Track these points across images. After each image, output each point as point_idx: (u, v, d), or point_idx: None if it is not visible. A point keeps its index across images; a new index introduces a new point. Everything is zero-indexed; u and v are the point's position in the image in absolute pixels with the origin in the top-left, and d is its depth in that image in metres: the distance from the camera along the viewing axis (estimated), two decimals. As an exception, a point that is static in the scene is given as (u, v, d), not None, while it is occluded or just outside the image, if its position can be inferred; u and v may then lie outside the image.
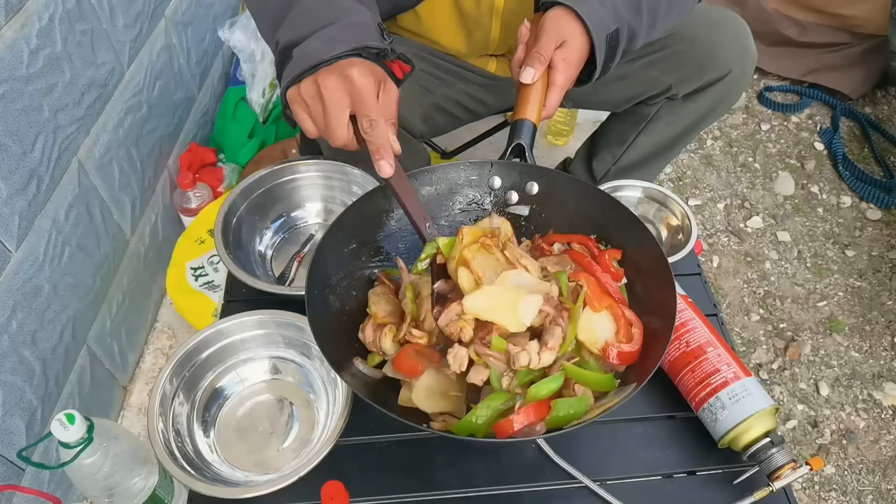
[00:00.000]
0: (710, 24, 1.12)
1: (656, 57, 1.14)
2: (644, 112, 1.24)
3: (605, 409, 0.69)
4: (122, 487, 0.83)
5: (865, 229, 1.82)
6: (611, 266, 0.82)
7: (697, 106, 1.18)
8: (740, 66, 1.13)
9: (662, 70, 1.15)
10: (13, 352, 1.03)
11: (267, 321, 0.90)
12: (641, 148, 1.29)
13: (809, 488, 1.36)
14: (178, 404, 0.85)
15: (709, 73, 1.13)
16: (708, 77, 1.13)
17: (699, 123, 1.23)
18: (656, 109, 1.22)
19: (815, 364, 1.54)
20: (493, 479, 0.82)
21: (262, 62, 1.76)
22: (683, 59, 1.12)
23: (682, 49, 1.12)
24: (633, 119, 1.27)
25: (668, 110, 1.21)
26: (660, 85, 1.17)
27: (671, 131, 1.24)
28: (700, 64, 1.12)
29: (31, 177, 1.05)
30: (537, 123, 0.88)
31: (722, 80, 1.13)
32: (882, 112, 2.13)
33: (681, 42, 1.12)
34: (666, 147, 1.28)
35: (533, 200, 0.91)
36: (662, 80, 1.16)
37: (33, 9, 1.04)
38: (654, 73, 1.16)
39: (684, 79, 1.14)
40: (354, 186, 1.08)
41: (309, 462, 0.76)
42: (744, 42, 1.13)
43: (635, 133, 1.28)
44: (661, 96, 1.19)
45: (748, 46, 1.13)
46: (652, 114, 1.23)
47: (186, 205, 1.53)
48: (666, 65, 1.14)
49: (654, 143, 1.27)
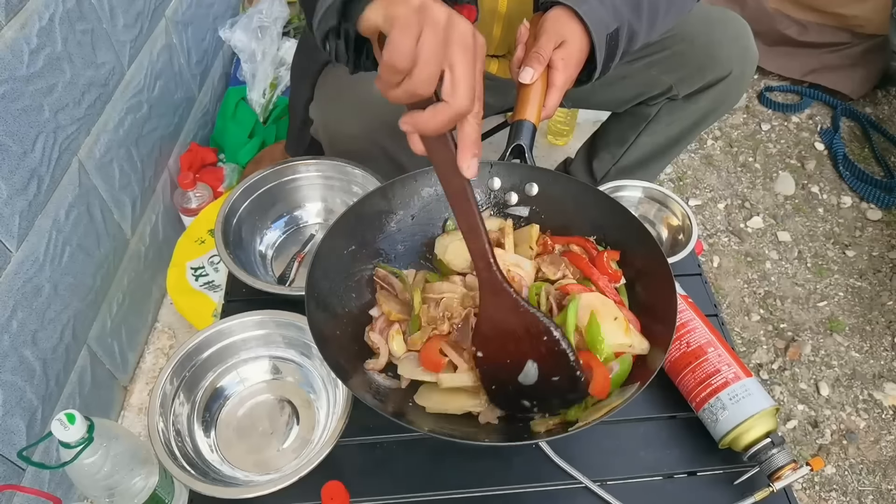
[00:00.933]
0: (710, 24, 1.12)
1: (657, 57, 1.14)
2: (644, 112, 1.24)
3: (611, 410, 0.69)
4: (122, 487, 0.83)
5: (866, 229, 1.82)
6: (608, 268, 0.82)
7: (698, 106, 1.18)
8: (741, 66, 1.13)
9: (663, 70, 1.15)
10: (13, 352, 1.03)
11: (267, 321, 0.90)
12: (642, 148, 1.29)
13: (810, 489, 1.36)
14: (178, 404, 0.85)
15: (709, 74, 1.13)
16: (709, 77, 1.13)
17: (700, 124, 1.23)
18: (657, 110, 1.22)
19: (816, 364, 1.54)
20: (493, 480, 0.82)
21: (262, 62, 1.76)
22: (684, 60, 1.12)
23: (683, 49, 1.12)
24: (634, 119, 1.27)
25: (669, 111, 1.21)
26: (660, 85, 1.17)
27: (672, 132, 1.24)
28: (700, 64, 1.12)
29: (31, 177, 1.05)
30: (537, 124, 0.88)
31: (723, 81, 1.13)
32: (882, 112, 2.13)
33: (681, 42, 1.12)
34: (666, 147, 1.28)
35: (532, 201, 0.91)
36: (663, 81, 1.16)
37: (33, 8, 1.04)
38: (655, 74, 1.16)
39: (685, 79, 1.14)
40: (354, 186, 1.08)
41: (309, 462, 0.76)
42: (744, 42, 1.13)
43: (636, 133, 1.28)
44: (661, 97, 1.19)
45: (749, 46, 1.13)
46: (652, 114, 1.23)
47: (187, 205, 1.53)
48: (666, 65, 1.14)
49: (655, 144, 1.27)
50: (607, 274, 0.82)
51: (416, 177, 0.87)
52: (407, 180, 0.87)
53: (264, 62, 1.76)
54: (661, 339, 0.74)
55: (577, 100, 1.28)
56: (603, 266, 0.82)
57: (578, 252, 0.84)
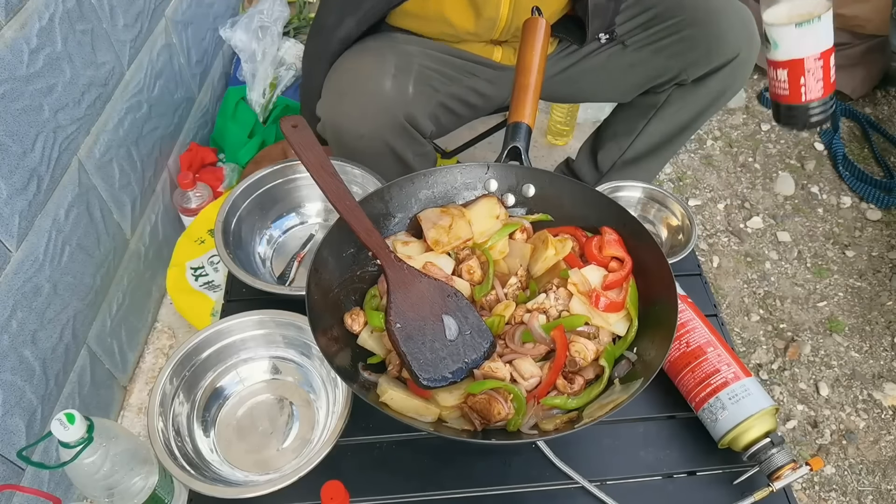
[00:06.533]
0: (716, 9, 1.14)
1: (664, 43, 1.16)
2: (652, 101, 1.25)
3: (614, 408, 0.69)
4: (122, 487, 0.83)
5: (865, 230, 1.82)
6: (596, 254, 0.84)
7: (707, 90, 1.20)
8: (748, 49, 1.15)
9: (670, 55, 1.17)
10: (13, 351, 1.03)
11: (267, 321, 0.90)
12: (651, 136, 1.30)
13: (809, 488, 1.36)
14: (178, 404, 0.85)
15: (717, 57, 1.14)
16: (716, 61, 1.15)
17: (707, 109, 1.24)
18: (666, 96, 1.23)
19: (815, 364, 1.54)
20: (492, 480, 0.82)
21: (262, 62, 1.76)
22: (692, 44, 1.14)
23: (691, 34, 1.14)
24: (642, 108, 1.28)
25: (679, 96, 1.23)
26: (669, 71, 1.18)
27: (681, 118, 1.25)
28: (708, 47, 1.14)
29: (31, 176, 1.05)
30: (532, 125, 0.88)
31: (730, 64, 1.15)
32: (882, 112, 2.13)
33: (688, 27, 1.14)
34: (673, 136, 1.29)
35: (529, 203, 0.91)
36: (671, 66, 1.17)
37: (33, 8, 1.04)
38: (663, 60, 1.18)
39: (693, 63, 1.16)
40: (354, 186, 1.08)
41: (309, 462, 0.76)
42: (750, 26, 1.15)
43: (644, 121, 1.29)
44: (670, 83, 1.20)
45: (754, 31, 1.16)
46: (661, 101, 1.24)
47: (186, 204, 1.53)
48: (674, 50, 1.16)
49: (664, 132, 1.28)
50: (595, 260, 0.83)
51: (413, 179, 0.87)
52: (404, 183, 0.87)
53: (264, 62, 1.76)
54: (661, 339, 0.74)
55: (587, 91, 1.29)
56: (591, 253, 0.84)
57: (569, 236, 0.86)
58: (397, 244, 0.85)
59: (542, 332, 0.77)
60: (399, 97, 1.03)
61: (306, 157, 0.79)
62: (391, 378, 0.77)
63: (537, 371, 0.75)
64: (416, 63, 1.08)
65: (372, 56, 1.06)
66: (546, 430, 0.73)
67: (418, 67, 1.08)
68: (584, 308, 0.79)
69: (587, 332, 0.79)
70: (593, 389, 0.76)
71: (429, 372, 0.71)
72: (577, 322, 0.78)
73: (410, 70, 1.06)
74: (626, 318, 0.81)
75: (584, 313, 0.78)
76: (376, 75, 1.03)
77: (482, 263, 0.84)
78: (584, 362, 0.76)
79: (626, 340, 0.79)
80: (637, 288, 0.82)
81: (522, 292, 0.83)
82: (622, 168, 1.36)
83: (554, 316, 0.79)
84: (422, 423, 0.73)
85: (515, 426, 0.73)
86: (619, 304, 0.80)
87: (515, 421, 0.73)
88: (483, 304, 0.81)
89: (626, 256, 0.83)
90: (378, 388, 0.75)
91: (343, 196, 0.77)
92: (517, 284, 0.82)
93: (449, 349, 0.73)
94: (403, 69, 1.04)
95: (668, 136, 1.29)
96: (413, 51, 1.10)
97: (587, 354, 0.76)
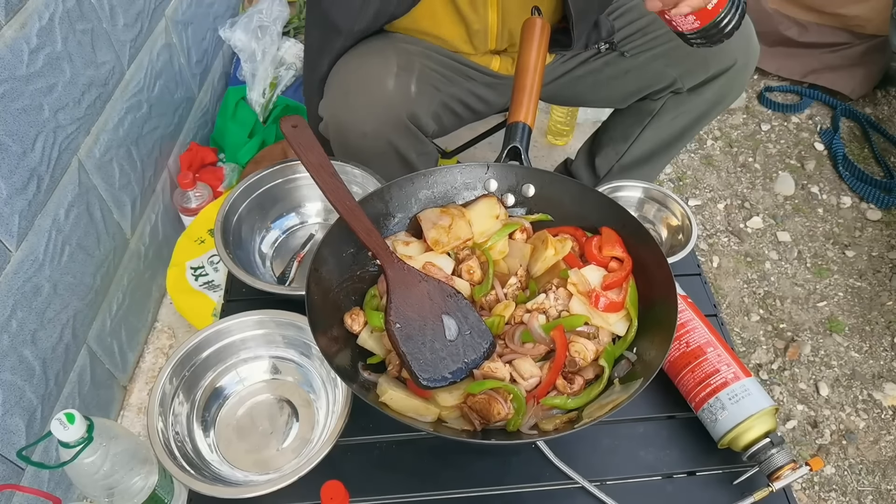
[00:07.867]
0: None
1: (661, 49, 1.15)
2: (649, 107, 1.25)
3: (613, 408, 0.69)
4: (121, 487, 0.83)
5: (865, 230, 1.82)
6: (596, 254, 0.84)
7: (703, 98, 1.19)
8: (745, 57, 1.14)
9: (667, 63, 1.16)
10: (13, 351, 1.03)
11: (267, 321, 0.90)
12: (646, 143, 1.29)
13: (809, 489, 1.36)
14: (178, 404, 0.85)
15: (714, 65, 1.14)
16: (713, 69, 1.14)
17: (704, 117, 1.23)
18: (661, 104, 1.23)
19: (815, 364, 1.54)
20: (491, 480, 0.82)
21: (262, 62, 1.76)
22: (688, 51, 1.13)
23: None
24: (638, 115, 1.27)
25: (674, 104, 1.22)
26: (665, 79, 1.18)
27: (676, 126, 1.25)
28: (705, 55, 1.13)
29: (31, 176, 1.05)
30: (532, 125, 0.88)
31: (727, 72, 1.14)
32: (882, 112, 2.13)
33: None
34: (670, 143, 1.29)
35: (529, 203, 0.91)
36: (667, 74, 1.17)
37: (33, 8, 1.04)
38: (659, 67, 1.17)
39: (689, 71, 1.15)
40: (354, 186, 1.08)
41: (309, 462, 0.76)
42: (747, 33, 1.14)
43: (640, 128, 1.28)
44: (666, 90, 1.20)
45: (752, 38, 1.15)
46: (657, 108, 1.24)
47: (186, 204, 1.53)
48: (671, 57, 1.15)
49: (659, 139, 1.28)
50: (595, 260, 0.83)
51: (413, 179, 0.87)
52: (404, 183, 0.87)
53: (264, 62, 1.76)
54: (661, 339, 0.74)
55: (583, 96, 1.29)
56: (591, 253, 0.84)
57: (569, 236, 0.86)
58: (397, 244, 0.85)
59: (542, 332, 0.77)
60: (402, 96, 1.03)
61: (306, 157, 0.79)
62: (391, 378, 0.77)
63: (537, 371, 0.75)
64: (417, 62, 1.08)
65: (374, 55, 1.06)
66: (546, 430, 0.74)
67: (420, 66, 1.08)
68: (584, 308, 0.79)
69: (587, 332, 0.79)
70: (593, 389, 0.76)
71: (428, 372, 0.71)
72: (576, 322, 0.78)
73: (412, 69, 1.06)
74: (626, 318, 0.81)
75: (583, 313, 0.78)
76: (379, 74, 1.03)
77: (482, 263, 0.84)
78: (583, 362, 0.76)
79: (625, 340, 0.79)
80: (637, 288, 0.82)
81: (522, 292, 0.83)
82: (619, 173, 1.36)
83: (554, 316, 0.79)
84: (421, 423, 0.73)
85: (515, 426, 0.73)
86: (619, 304, 0.80)
87: (515, 421, 0.73)
88: (483, 305, 0.81)
89: (626, 256, 0.83)
90: (378, 388, 0.75)
91: (343, 196, 0.77)
92: (517, 284, 0.82)
93: (449, 349, 0.73)
94: (406, 68, 1.04)
95: (664, 142, 1.29)
96: (414, 50, 1.10)
97: (587, 354, 0.76)
